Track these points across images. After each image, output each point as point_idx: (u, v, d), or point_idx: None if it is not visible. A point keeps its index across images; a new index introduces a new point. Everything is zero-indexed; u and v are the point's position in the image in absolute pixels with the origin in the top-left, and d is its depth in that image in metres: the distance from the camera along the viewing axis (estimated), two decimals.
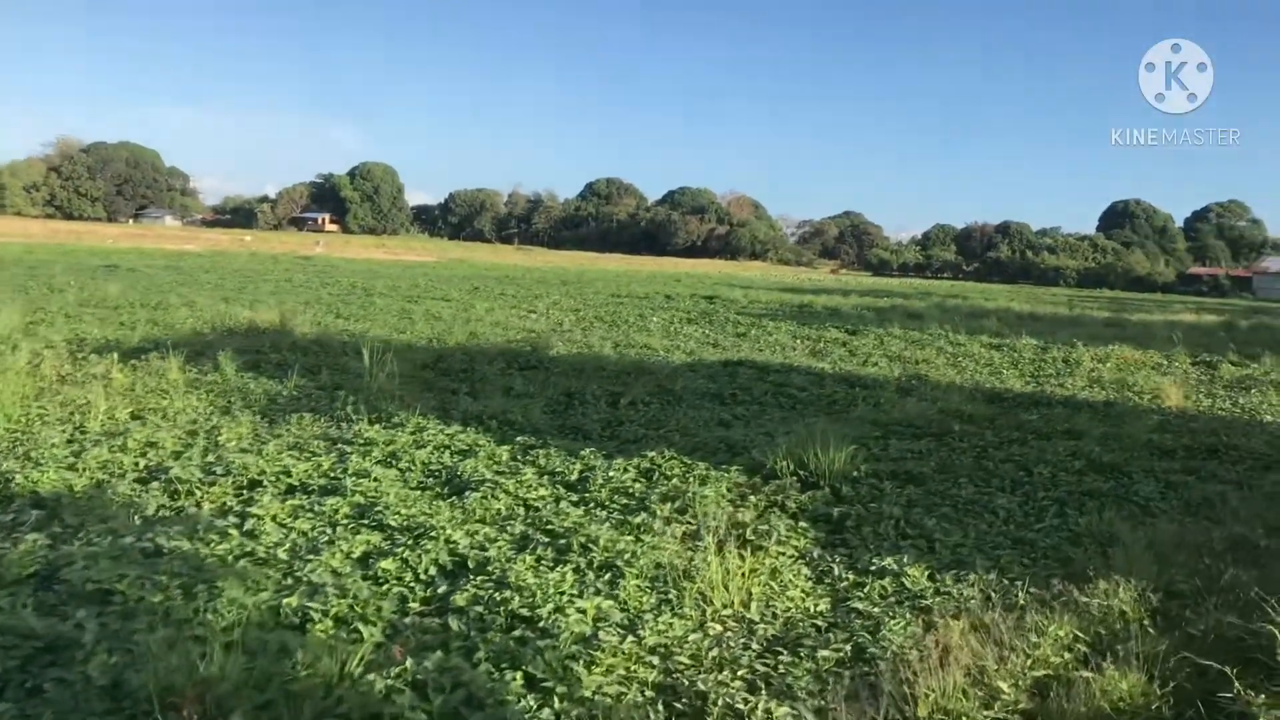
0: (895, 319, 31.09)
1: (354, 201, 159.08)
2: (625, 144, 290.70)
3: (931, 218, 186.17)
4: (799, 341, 23.29)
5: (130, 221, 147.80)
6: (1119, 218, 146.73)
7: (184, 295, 26.04)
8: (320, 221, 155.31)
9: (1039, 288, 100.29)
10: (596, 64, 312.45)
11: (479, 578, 5.79)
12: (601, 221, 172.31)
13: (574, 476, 8.18)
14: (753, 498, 7.89)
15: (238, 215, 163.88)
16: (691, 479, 8.29)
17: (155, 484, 7.47)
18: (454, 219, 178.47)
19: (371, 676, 4.44)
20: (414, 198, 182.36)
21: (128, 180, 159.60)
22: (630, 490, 7.82)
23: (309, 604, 5.15)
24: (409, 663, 4.57)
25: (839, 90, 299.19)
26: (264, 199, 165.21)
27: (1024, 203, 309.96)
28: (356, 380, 12.24)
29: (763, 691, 4.77)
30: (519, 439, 9.57)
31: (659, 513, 7.21)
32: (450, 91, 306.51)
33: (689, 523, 7.10)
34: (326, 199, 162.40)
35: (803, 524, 7.37)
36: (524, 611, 5.35)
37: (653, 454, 8.86)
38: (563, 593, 5.65)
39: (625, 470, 8.42)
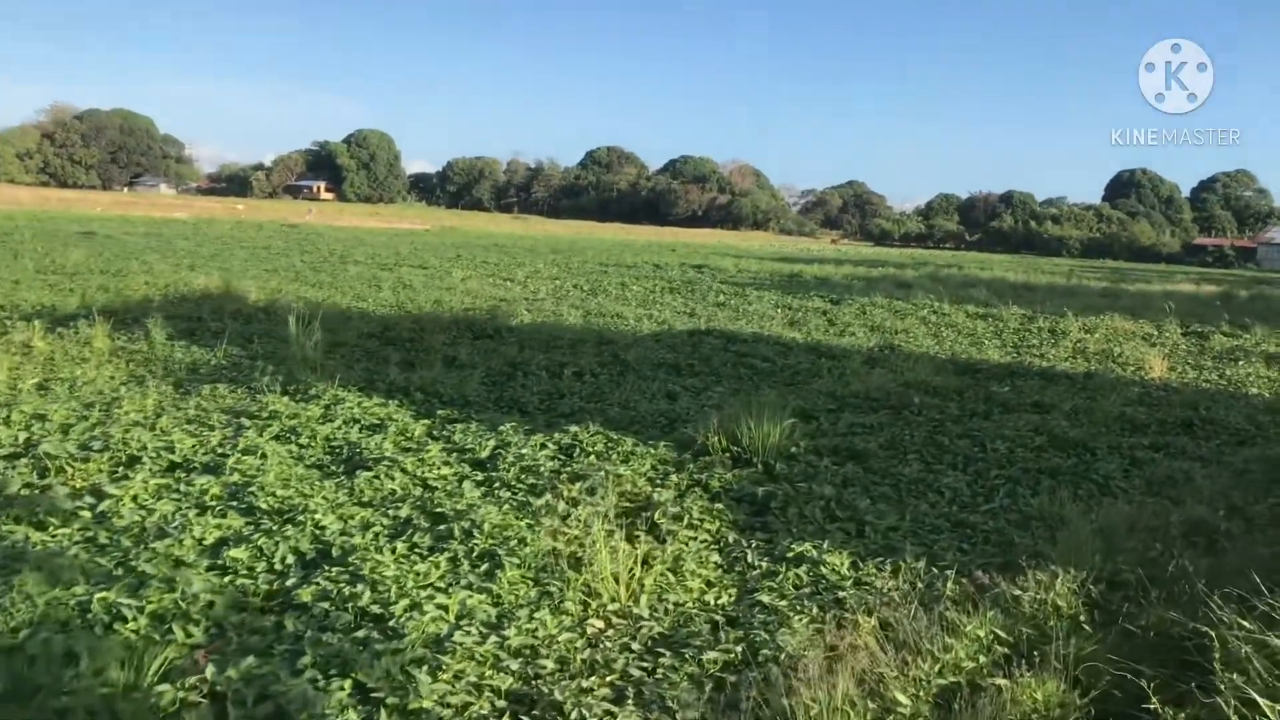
0: (884, 288, 30.47)
1: (350, 170, 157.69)
2: (627, 112, 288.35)
3: (937, 188, 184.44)
4: (780, 310, 22.66)
5: (125, 189, 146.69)
6: (1125, 187, 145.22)
7: (148, 262, 25.36)
8: (315, 190, 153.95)
9: (1041, 258, 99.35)
10: (599, 30, 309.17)
11: (335, 568, 5.20)
12: (602, 190, 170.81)
13: (485, 454, 7.57)
14: (674, 476, 7.28)
15: (234, 184, 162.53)
16: (614, 456, 7.70)
17: (24, 460, 6.88)
18: (452, 188, 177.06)
19: (165, 687, 3.87)
20: (414, 166, 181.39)
21: (121, 148, 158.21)
22: (541, 469, 7.20)
23: (124, 600, 4.56)
24: (210, 670, 3.98)
25: (844, 58, 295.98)
26: (259, 167, 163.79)
27: (1031, 173, 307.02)
28: (287, 349, 11.62)
29: (629, 702, 4.20)
30: (440, 413, 8.96)
31: (565, 493, 6.61)
32: (451, 59, 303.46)
33: (596, 504, 6.50)
34: (322, 167, 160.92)
35: (722, 505, 6.76)
36: (375, 608, 4.76)
37: (575, 429, 8.25)
38: (427, 585, 5.07)
39: (543, 447, 7.81)
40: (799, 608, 5.22)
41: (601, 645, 4.72)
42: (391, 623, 4.63)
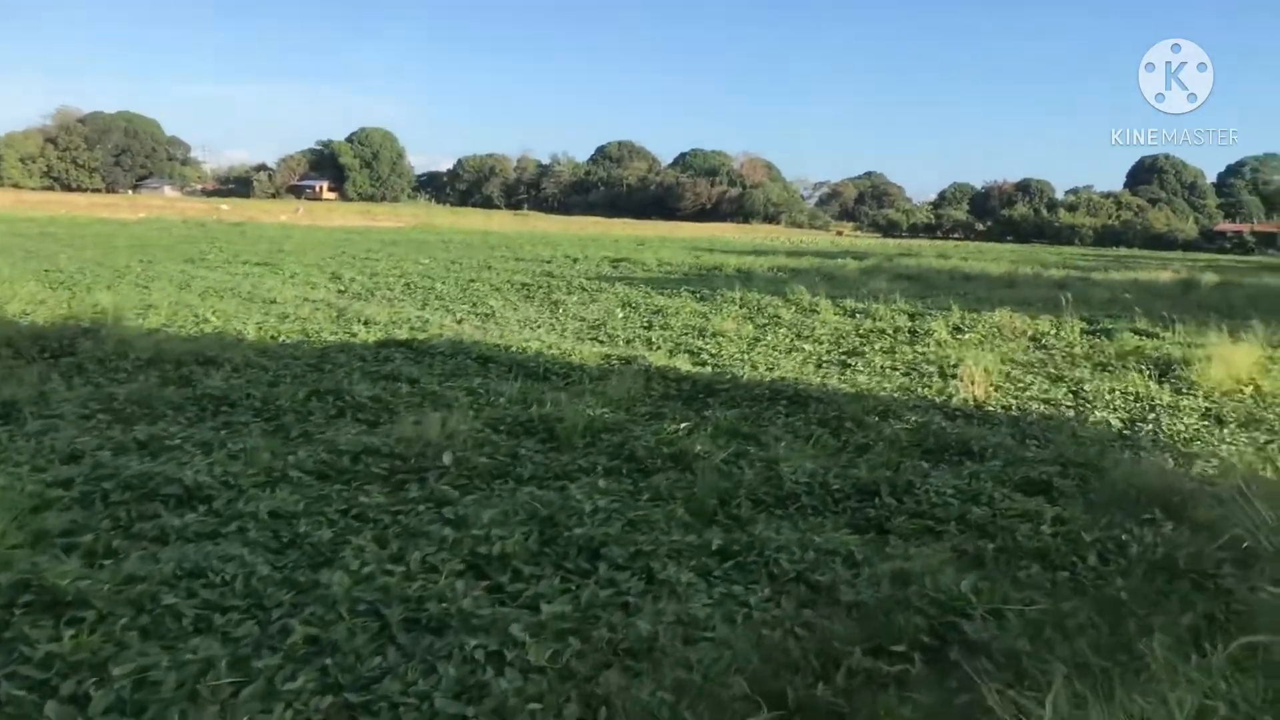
0: (804, 282, 26.23)
1: (352, 168, 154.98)
2: (640, 106, 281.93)
3: (960, 179, 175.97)
4: (617, 310, 18.88)
5: (129, 192, 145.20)
6: (1146, 174, 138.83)
7: None
8: (317, 189, 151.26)
9: (1051, 247, 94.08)
10: (610, 23, 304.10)
11: None
12: (611, 186, 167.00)
13: None
14: None
15: (240, 185, 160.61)
16: None
17: None
18: (462, 185, 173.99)
19: None
20: (425, 163, 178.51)
21: (126, 150, 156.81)
22: None
23: None
24: None
25: (865, 47, 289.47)
26: (261, 168, 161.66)
27: (1059, 162, 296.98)
28: None
29: None
30: None
31: None
32: (463, 55, 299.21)
33: None
34: (326, 166, 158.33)
35: None
36: None
37: None
38: None
39: None
40: None
41: None
42: None
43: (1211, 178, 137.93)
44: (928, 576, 4.91)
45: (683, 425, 8.52)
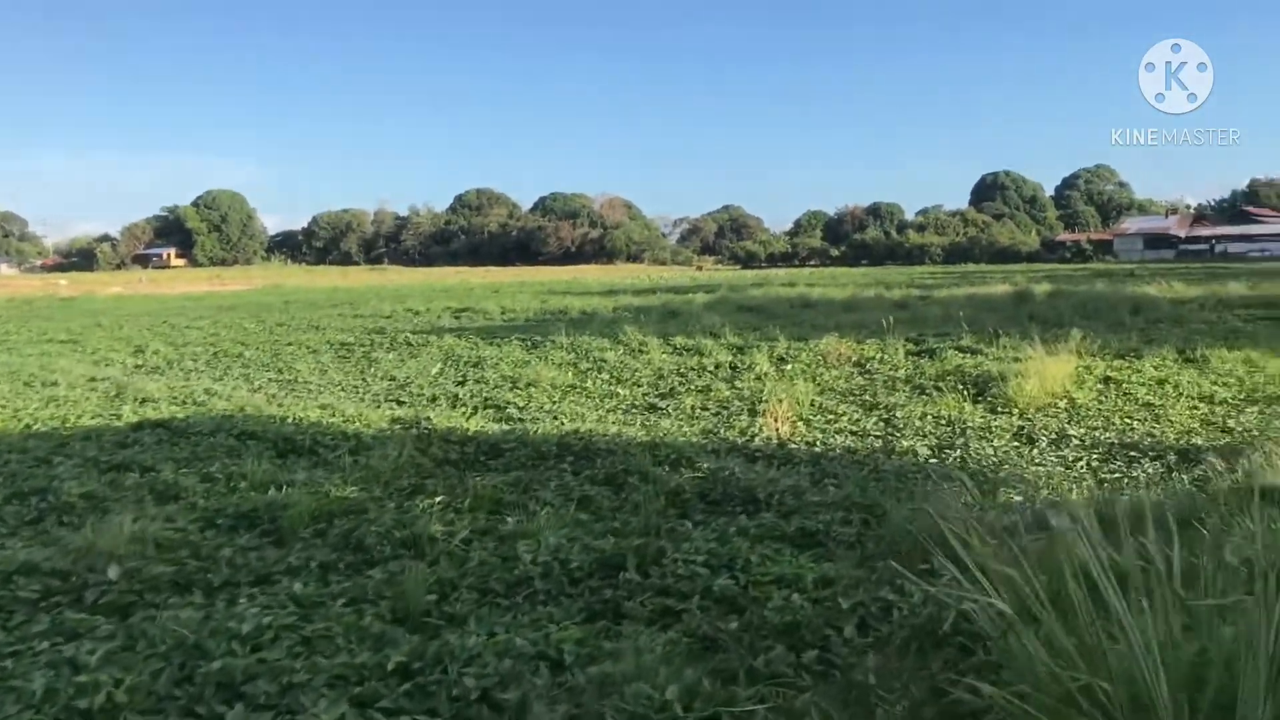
0: (649, 320, 25.46)
1: (200, 233, 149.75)
2: (497, 153, 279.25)
3: (816, 206, 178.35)
4: (440, 365, 17.82)
5: None
6: (989, 190, 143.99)
7: None
8: (165, 256, 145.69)
9: (902, 268, 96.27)
10: (460, 71, 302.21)
11: None
12: (473, 234, 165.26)
13: None
14: None
15: (84, 258, 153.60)
16: None
17: None
18: (318, 243, 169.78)
19: None
20: (280, 223, 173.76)
21: None
22: None
23: None
24: None
25: (714, 81, 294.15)
26: (104, 238, 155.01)
27: (911, 183, 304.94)
28: None
29: None
30: None
31: None
32: (314, 112, 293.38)
33: None
34: (172, 233, 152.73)
35: None
36: None
37: None
38: None
39: None
40: None
41: None
42: None
43: (1050, 191, 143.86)
44: (632, 683, 4.04)
45: (437, 499, 7.56)
